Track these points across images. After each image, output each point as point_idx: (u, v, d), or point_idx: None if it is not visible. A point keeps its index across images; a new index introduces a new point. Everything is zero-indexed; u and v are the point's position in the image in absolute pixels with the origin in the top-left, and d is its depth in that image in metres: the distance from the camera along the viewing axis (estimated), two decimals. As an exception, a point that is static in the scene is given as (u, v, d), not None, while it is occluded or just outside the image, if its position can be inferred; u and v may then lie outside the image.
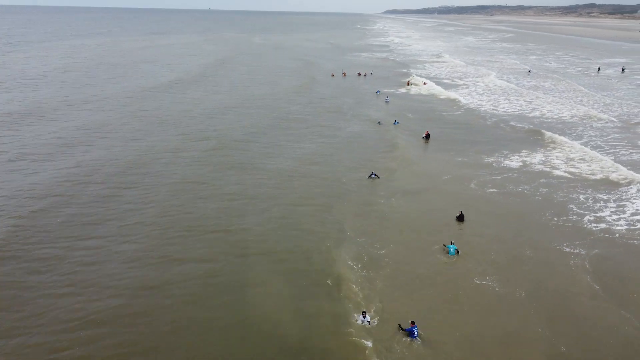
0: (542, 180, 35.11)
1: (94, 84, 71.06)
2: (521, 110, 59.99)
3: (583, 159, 39.94)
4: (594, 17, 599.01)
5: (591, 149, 42.44)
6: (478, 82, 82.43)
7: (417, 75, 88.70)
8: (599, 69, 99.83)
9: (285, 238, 25.74)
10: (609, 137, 47.32)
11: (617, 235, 26.88)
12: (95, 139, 42.68)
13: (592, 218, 28.87)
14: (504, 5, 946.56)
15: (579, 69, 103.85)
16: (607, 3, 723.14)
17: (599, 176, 35.95)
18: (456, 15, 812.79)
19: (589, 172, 36.75)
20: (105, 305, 19.56)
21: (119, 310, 19.31)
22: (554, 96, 69.25)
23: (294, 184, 33.49)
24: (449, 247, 24.47)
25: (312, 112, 56.79)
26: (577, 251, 24.91)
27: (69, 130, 45.32)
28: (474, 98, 67.50)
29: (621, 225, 27.83)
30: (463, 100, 65.96)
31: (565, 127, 51.02)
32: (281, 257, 23.76)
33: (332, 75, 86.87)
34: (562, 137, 46.31)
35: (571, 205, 30.63)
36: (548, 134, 47.78)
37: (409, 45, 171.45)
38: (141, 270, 22.24)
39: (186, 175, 34.48)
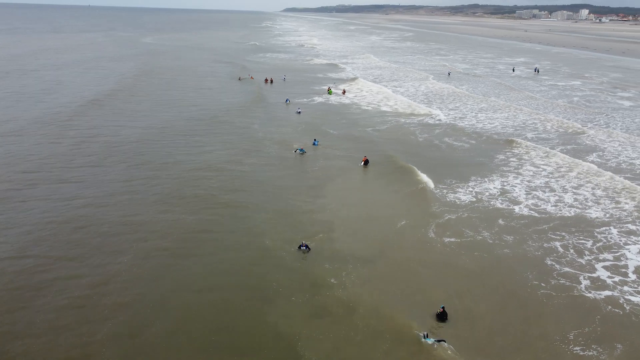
0: (500, 222, 28.26)
1: None
2: (450, 120, 54.07)
3: (546, 186, 34.28)
4: (478, 16, 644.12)
5: (547, 174, 37.10)
6: (397, 87, 76.38)
7: (335, 80, 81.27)
8: (513, 70, 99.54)
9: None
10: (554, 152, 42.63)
11: (629, 310, 20.40)
12: None
13: (588, 282, 22.30)
14: (398, 4, 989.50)
15: (488, 69, 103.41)
16: (488, 4, 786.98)
17: (568, 213, 29.98)
18: (354, 14, 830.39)
19: (555, 208, 30.65)
20: None
21: None
22: (480, 102, 65.11)
23: (201, 252, 23.56)
24: (427, 339, 17.73)
25: (217, 130, 46.19)
26: (594, 352, 17.71)
27: None
28: (398, 106, 61.02)
29: (632, 295, 21.38)
30: (389, 110, 59.22)
31: (502, 139, 45.94)
32: None
33: (240, 79, 79.05)
34: (510, 155, 40.99)
35: (551, 262, 23.93)
36: (492, 152, 42.13)
37: (321, 44, 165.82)
38: None
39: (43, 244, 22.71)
